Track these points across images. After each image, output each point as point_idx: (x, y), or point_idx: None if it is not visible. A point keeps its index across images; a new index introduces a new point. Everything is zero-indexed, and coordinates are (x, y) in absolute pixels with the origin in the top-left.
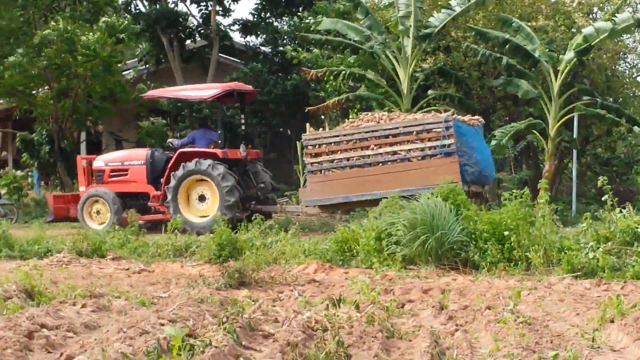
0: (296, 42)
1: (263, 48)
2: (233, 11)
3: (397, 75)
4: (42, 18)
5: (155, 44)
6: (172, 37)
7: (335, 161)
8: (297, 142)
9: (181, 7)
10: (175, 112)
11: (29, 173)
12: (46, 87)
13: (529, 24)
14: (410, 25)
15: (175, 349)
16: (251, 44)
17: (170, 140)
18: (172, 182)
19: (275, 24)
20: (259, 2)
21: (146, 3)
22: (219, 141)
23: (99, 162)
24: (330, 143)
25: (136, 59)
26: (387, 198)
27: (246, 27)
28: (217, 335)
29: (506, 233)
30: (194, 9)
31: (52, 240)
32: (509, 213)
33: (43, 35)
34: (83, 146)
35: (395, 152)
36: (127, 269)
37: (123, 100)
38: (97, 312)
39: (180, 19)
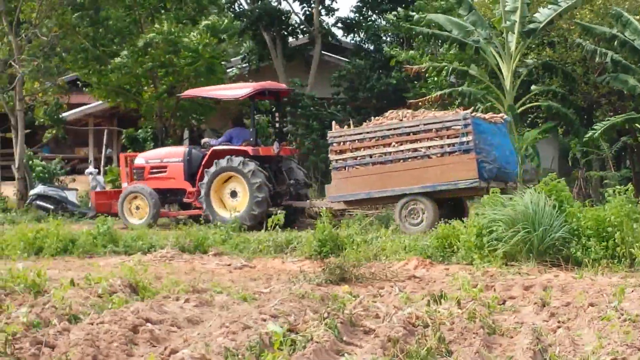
0: (398, 37)
1: (365, 45)
2: (337, 10)
3: (500, 70)
4: (148, 18)
5: (258, 41)
6: (274, 35)
7: (359, 158)
8: None
9: (284, 4)
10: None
11: None
12: (151, 86)
13: (637, 17)
14: (516, 21)
15: (277, 343)
16: (354, 41)
17: (205, 140)
18: (206, 179)
19: (378, 21)
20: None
21: (249, 1)
22: (251, 139)
23: (140, 159)
24: (354, 140)
25: (239, 57)
26: (407, 194)
27: (348, 25)
28: (318, 331)
29: (610, 229)
30: (296, 6)
31: (155, 236)
32: (612, 209)
33: (147, 38)
34: (186, 143)
35: (415, 149)
36: (229, 265)
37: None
38: (199, 307)
39: (283, 17)
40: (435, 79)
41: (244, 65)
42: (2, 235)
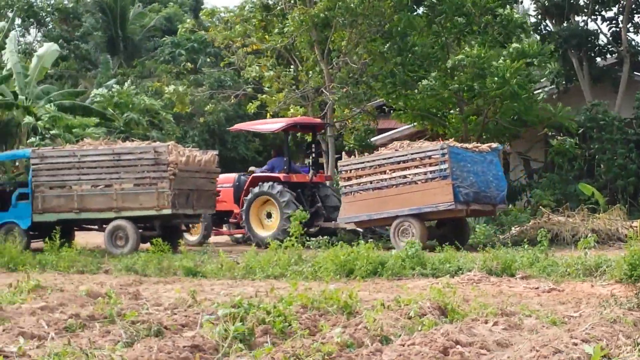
0: None
1: None
2: None
3: None
4: (455, 41)
5: (564, 63)
6: (581, 56)
7: (361, 184)
8: None
9: (591, 25)
10: (583, 132)
11: None
12: (457, 109)
13: None
14: None
15: None
16: None
17: (251, 168)
18: (247, 201)
19: None
20: None
21: (555, 22)
22: (285, 167)
23: None
24: (358, 168)
25: (546, 79)
26: (399, 216)
27: None
28: (632, 356)
29: None
30: (604, 27)
31: (462, 258)
32: None
33: (456, 60)
34: None
35: (404, 176)
36: (537, 288)
37: (532, 122)
38: (508, 330)
39: (591, 37)
40: None
41: (550, 87)
42: (315, 257)
